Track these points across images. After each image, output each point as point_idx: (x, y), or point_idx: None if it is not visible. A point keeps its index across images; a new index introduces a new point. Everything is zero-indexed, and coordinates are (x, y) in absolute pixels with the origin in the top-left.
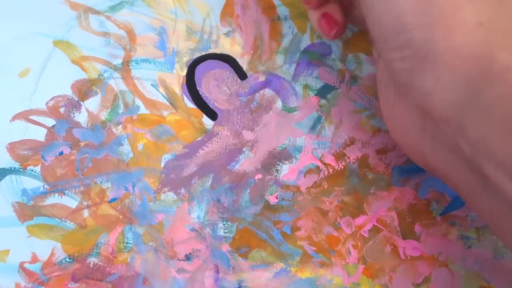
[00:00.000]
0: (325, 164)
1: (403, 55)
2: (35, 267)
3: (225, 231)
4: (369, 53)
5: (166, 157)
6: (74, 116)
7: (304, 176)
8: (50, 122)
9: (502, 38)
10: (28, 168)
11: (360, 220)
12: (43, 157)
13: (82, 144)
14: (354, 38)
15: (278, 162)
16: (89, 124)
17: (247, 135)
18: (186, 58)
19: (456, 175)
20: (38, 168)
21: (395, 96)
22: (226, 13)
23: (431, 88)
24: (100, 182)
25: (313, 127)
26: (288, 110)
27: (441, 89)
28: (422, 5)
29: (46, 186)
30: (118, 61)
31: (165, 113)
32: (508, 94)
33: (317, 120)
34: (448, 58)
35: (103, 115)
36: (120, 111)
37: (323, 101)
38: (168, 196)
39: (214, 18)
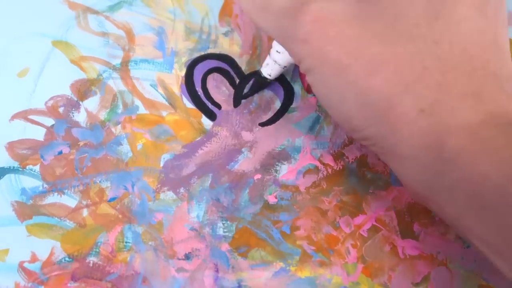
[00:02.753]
0: (324, 164)
1: (366, 144)
2: (34, 267)
3: (225, 230)
4: None
5: (165, 156)
6: (73, 116)
7: (303, 176)
8: (49, 121)
9: (447, 121)
10: (27, 167)
11: (359, 219)
12: (42, 157)
13: (81, 143)
14: None
15: (277, 163)
16: (88, 124)
17: (246, 135)
18: (185, 58)
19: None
20: (37, 168)
21: None
22: (225, 13)
23: (399, 171)
24: (99, 182)
25: (311, 128)
26: (287, 110)
27: (406, 173)
28: (363, 108)
29: (45, 185)
30: (117, 61)
31: (164, 113)
32: (464, 178)
33: (316, 121)
34: (401, 149)
35: (102, 115)
36: (119, 111)
37: None
38: (168, 195)
39: (213, 18)
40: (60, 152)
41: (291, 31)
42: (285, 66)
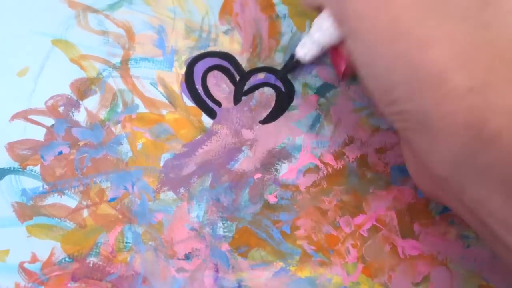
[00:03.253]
0: (324, 163)
1: (399, 119)
2: (34, 267)
3: (225, 230)
4: None
5: (165, 156)
6: (73, 115)
7: (304, 175)
8: (49, 121)
9: (493, 102)
10: (27, 168)
11: (359, 219)
12: (42, 157)
13: (81, 143)
14: None
15: (277, 161)
16: (88, 123)
17: (246, 134)
18: (185, 57)
19: (469, 222)
20: (37, 168)
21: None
22: (225, 11)
23: (428, 149)
24: (100, 182)
25: (312, 126)
26: (287, 108)
27: (437, 151)
28: (409, 79)
29: (45, 186)
30: (117, 60)
31: (164, 111)
32: (501, 158)
33: (316, 119)
34: (441, 126)
35: (102, 114)
36: (119, 110)
37: (322, 100)
38: (168, 195)
39: (213, 16)
40: (60, 152)
41: None
42: (322, 47)
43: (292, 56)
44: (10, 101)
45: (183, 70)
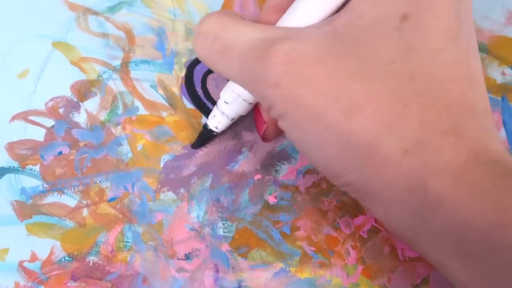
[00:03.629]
0: None
1: (348, 190)
2: (34, 266)
3: (225, 230)
4: None
5: (165, 157)
6: (73, 116)
7: (303, 176)
8: (49, 122)
9: (431, 162)
10: (27, 167)
11: (359, 220)
12: (42, 157)
13: (81, 144)
14: None
15: (277, 162)
16: (88, 125)
17: (246, 135)
18: (185, 59)
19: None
20: (37, 168)
21: None
22: None
23: (384, 217)
24: (99, 182)
25: None
26: None
27: (391, 219)
28: (344, 152)
29: (45, 185)
30: (117, 62)
31: (164, 114)
32: (449, 223)
33: None
34: (386, 194)
35: (102, 116)
36: (119, 112)
37: None
38: (168, 195)
39: None
40: (60, 153)
41: (258, 75)
42: (233, 118)
43: (205, 127)
44: (10, 102)
45: (183, 73)
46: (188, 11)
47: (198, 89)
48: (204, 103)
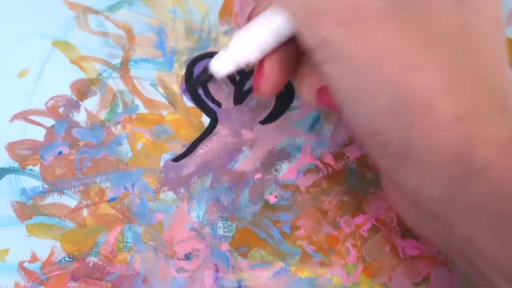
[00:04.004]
0: (324, 163)
1: (383, 153)
2: (34, 267)
3: (225, 230)
4: None
5: (166, 156)
6: (73, 116)
7: (304, 175)
8: (49, 122)
9: (480, 131)
10: (27, 167)
11: (359, 219)
12: (42, 157)
13: (81, 143)
14: None
15: (277, 162)
16: (88, 124)
17: (247, 134)
18: (185, 57)
19: (455, 260)
20: (37, 168)
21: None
22: (225, 12)
23: (415, 185)
24: (99, 182)
25: (312, 126)
26: (287, 109)
27: (425, 187)
28: (395, 105)
29: (45, 186)
30: (117, 61)
31: (164, 112)
32: (491, 194)
33: (316, 119)
34: (429, 158)
35: (102, 115)
36: (119, 110)
37: None
38: (168, 195)
39: (213, 17)
40: (60, 153)
41: (325, 10)
42: (239, 64)
43: (206, 69)
44: (10, 102)
45: (183, 71)
46: (188, 10)
47: (198, 87)
48: (204, 101)
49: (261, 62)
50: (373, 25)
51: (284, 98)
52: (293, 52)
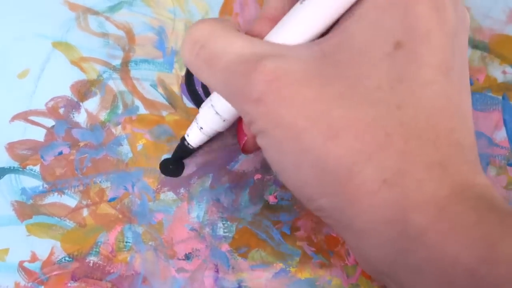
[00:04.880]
0: None
1: (321, 215)
2: (34, 266)
3: (225, 230)
4: None
5: (166, 157)
6: (74, 116)
7: None
8: (49, 122)
9: (411, 194)
10: (27, 167)
11: None
12: (42, 157)
13: (82, 144)
14: None
15: None
16: (88, 125)
17: None
18: None
19: None
20: (37, 168)
21: None
22: (225, 11)
23: (356, 246)
24: (100, 182)
25: None
26: None
27: (365, 249)
28: (319, 175)
29: (45, 185)
30: (117, 62)
31: (164, 113)
32: (432, 259)
33: None
34: (360, 223)
35: (102, 116)
36: (119, 111)
37: None
38: (168, 195)
39: (213, 16)
40: (60, 153)
41: (242, 89)
42: (210, 135)
43: (183, 140)
44: (11, 102)
45: (183, 72)
46: (189, 10)
47: (198, 88)
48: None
49: (239, 123)
50: (288, 95)
51: None
52: None
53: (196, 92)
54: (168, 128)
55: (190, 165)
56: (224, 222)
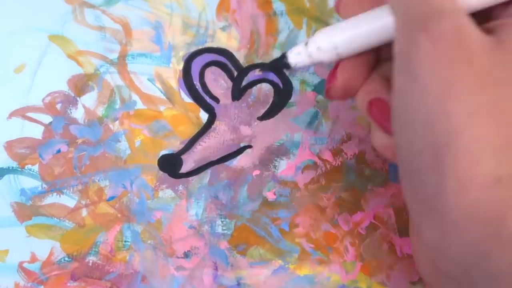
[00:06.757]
0: (322, 160)
1: (414, 197)
2: (34, 267)
3: (223, 228)
4: None
5: (164, 153)
6: (71, 112)
7: (302, 172)
8: (46, 118)
9: None
10: (26, 167)
11: (357, 217)
12: (40, 156)
13: (79, 141)
14: None
15: (275, 158)
16: (86, 121)
17: (245, 130)
18: (183, 52)
19: None
20: (36, 167)
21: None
22: (222, 7)
23: (437, 242)
24: (98, 181)
25: (310, 123)
26: (285, 105)
27: (447, 247)
28: (441, 148)
29: (44, 186)
30: (114, 56)
31: (162, 108)
32: None
33: (314, 116)
34: (457, 215)
35: (100, 111)
36: (117, 106)
37: (320, 97)
38: (166, 193)
39: (210, 12)
40: (59, 151)
41: (431, 19)
42: (315, 63)
43: (283, 56)
44: (7, 98)
45: (180, 66)
46: (185, 5)
47: (196, 82)
48: (202, 96)
49: (336, 64)
50: (459, 55)
51: (282, 94)
52: (370, 60)
53: (194, 86)
54: (166, 124)
55: (188, 161)
56: (222, 220)
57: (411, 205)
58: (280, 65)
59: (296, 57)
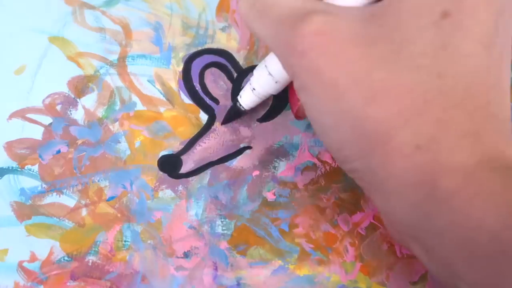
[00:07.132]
0: (322, 161)
1: (354, 176)
2: (34, 266)
3: (223, 228)
4: None
5: (164, 153)
6: (71, 113)
7: (301, 173)
8: (47, 120)
9: (443, 160)
10: (26, 167)
11: (357, 217)
12: (40, 156)
13: (79, 142)
14: None
15: (275, 159)
16: (86, 122)
17: (244, 131)
18: (182, 53)
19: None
20: (36, 167)
21: None
22: (222, 8)
23: (383, 209)
24: (98, 181)
25: (309, 125)
26: (285, 107)
27: (391, 211)
28: (357, 138)
29: (44, 185)
30: (114, 57)
31: (162, 109)
32: (457, 221)
33: None
34: (390, 185)
35: (100, 112)
36: (117, 107)
37: None
38: (166, 193)
39: (210, 13)
40: (59, 151)
41: (289, 41)
42: (263, 96)
43: (235, 103)
44: (8, 99)
45: (180, 67)
46: (185, 6)
47: (196, 84)
48: (202, 97)
49: (291, 88)
50: (332, 52)
51: (282, 97)
52: None
53: (194, 87)
54: (166, 124)
55: (188, 162)
56: (222, 220)
57: (357, 183)
58: (236, 112)
59: (245, 99)
